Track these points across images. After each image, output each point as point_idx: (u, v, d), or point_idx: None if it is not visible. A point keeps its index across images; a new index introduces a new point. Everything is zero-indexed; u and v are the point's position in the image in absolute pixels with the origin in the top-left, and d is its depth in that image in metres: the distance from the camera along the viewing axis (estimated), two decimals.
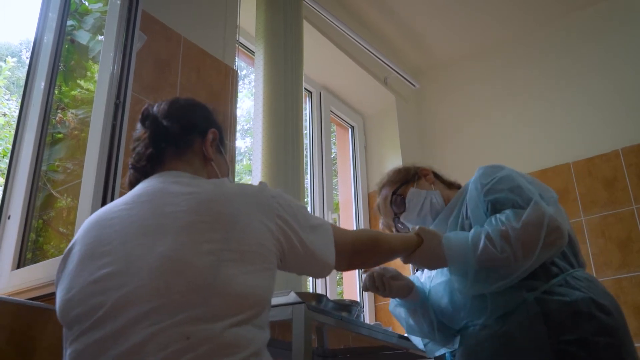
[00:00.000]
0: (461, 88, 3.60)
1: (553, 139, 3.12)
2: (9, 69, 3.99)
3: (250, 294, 0.85)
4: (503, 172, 1.37)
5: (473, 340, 1.36)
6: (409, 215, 1.54)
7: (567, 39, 3.27)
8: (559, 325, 1.21)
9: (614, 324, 1.21)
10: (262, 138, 2.21)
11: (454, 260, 1.27)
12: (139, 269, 0.84)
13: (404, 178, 1.58)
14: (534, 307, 1.25)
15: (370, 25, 3.36)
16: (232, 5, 2.29)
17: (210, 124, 1.15)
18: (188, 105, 1.16)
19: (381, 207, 1.61)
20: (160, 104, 1.13)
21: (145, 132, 1.09)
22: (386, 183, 1.62)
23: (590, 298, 1.23)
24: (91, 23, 1.89)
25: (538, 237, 1.21)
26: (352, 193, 3.32)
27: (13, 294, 1.48)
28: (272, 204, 0.96)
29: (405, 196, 1.54)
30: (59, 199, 1.72)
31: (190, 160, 1.08)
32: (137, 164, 1.07)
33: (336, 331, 1.74)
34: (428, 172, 1.60)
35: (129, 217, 0.92)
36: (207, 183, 0.99)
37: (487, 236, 1.24)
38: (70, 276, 0.91)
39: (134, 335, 0.78)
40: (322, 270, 1.05)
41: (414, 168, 1.62)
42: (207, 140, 1.11)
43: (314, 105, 3.17)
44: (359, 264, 1.24)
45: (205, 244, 0.85)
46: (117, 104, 1.48)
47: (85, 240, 0.94)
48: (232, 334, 0.81)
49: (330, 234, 1.06)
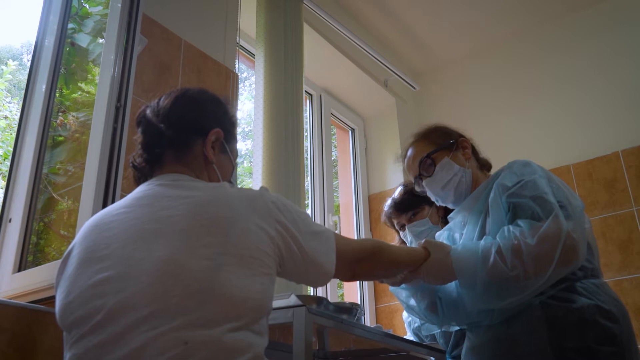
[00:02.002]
0: (461, 89, 3.61)
1: (553, 141, 3.12)
2: (10, 72, 4.00)
3: (248, 299, 0.84)
4: (530, 175, 1.30)
5: (478, 340, 1.36)
6: (432, 185, 1.47)
7: (566, 40, 3.28)
8: (562, 331, 1.19)
9: (618, 332, 1.19)
10: (263, 140, 2.21)
11: (462, 274, 1.23)
12: (137, 273, 0.83)
13: (443, 142, 1.49)
14: (538, 312, 1.23)
15: (370, 28, 3.37)
16: (233, 8, 2.30)
17: (215, 122, 1.10)
18: (194, 101, 1.11)
19: (409, 161, 1.53)
20: (164, 100, 1.10)
21: (140, 137, 1.08)
22: (422, 138, 1.53)
23: (596, 305, 1.20)
24: (91, 26, 1.89)
25: (553, 254, 1.15)
26: (353, 195, 3.32)
27: (14, 297, 1.48)
28: (271, 209, 0.94)
29: (436, 163, 1.46)
30: (60, 202, 1.72)
31: (190, 163, 1.06)
32: (137, 165, 1.07)
33: (337, 334, 1.74)
34: (468, 145, 1.51)
35: (128, 220, 0.92)
36: (206, 186, 0.98)
37: (498, 250, 1.18)
38: (69, 280, 0.91)
39: (133, 340, 0.78)
40: (320, 278, 1.03)
41: (456, 134, 1.53)
42: (208, 142, 1.07)
43: (315, 107, 3.17)
44: (363, 273, 1.20)
45: (202, 248, 0.84)
46: (118, 106, 1.48)
47: (84, 244, 0.94)
48: (230, 339, 0.81)
49: (332, 241, 1.04)
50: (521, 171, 1.33)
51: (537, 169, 1.34)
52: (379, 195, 3.32)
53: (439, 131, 1.54)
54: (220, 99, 1.16)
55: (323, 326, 1.36)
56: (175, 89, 1.15)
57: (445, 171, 1.45)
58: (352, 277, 1.15)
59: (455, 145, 1.49)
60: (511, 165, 1.38)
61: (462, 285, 1.26)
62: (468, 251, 1.24)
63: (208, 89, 1.19)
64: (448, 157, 1.46)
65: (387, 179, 3.33)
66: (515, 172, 1.34)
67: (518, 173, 1.33)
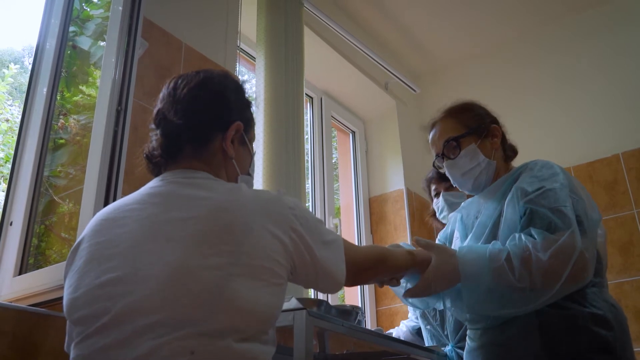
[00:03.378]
0: (461, 91, 3.56)
1: (553, 143, 3.12)
2: (12, 75, 4.01)
3: (258, 311, 0.83)
4: (551, 182, 1.25)
5: (474, 344, 1.37)
6: (454, 168, 1.42)
7: (567, 42, 3.28)
8: (555, 338, 1.19)
9: (612, 340, 1.17)
10: (263, 143, 2.21)
11: (467, 277, 1.18)
12: (146, 277, 0.82)
13: (473, 126, 1.41)
14: (532, 318, 1.22)
15: (371, 31, 3.37)
16: (233, 11, 2.30)
17: (237, 113, 1.05)
18: (214, 93, 1.05)
19: (434, 137, 1.47)
20: (182, 89, 1.03)
21: (156, 131, 1.03)
22: (453, 115, 1.46)
23: (590, 312, 1.19)
24: (93, 29, 1.90)
25: (563, 271, 1.11)
26: (353, 198, 3.32)
27: (15, 300, 1.48)
28: (288, 216, 0.92)
29: (462, 147, 1.40)
30: (61, 205, 1.73)
31: (207, 159, 1.01)
32: (152, 159, 1.03)
33: (337, 336, 1.74)
34: (498, 134, 1.44)
35: (140, 219, 0.90)
36: (222, 188, 0.94)
37: (507, 258, 1.14)
38: (78, 274, 0.89)
39: (139, 347, 0.78)
40: (331, 287, 1.01)
41: (489, 119, 1.46)
42: (228, 137, 1.03)
43: (315, 110, 3.17)
44: (364, 280, 1.21)
45: (213, 257, 0.82)
46: (119, 110, 1.48)
47: (94, 238, 0.92)
48: (237, 350, 0.80)
49: (342, 250, 1.02)
50: (543, 175, 1.28)
51: (559, 174, 1.29)
52: (379, 197, 3.32)
53: (472, 111, 1.46)
54: (240, 83, 1.11)
55: (324, 329, 1.36)
56: (193, 72, 1.07)
57: (469, 158, 1.39)
58: (354, 283, 1.14)
59: (485, 132, 1.42)
60: (532, 167, 1.34)
61: (464, 287, 1.22)
62: (474, 253, 1.20)
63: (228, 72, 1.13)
64: (475, 144, 1.40)
65: (387, 182, 3.33)
66: (536, 176, 1.28)
67: (539, 177, 1.28)
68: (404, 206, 3.19)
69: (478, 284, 1.18)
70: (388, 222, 3.24)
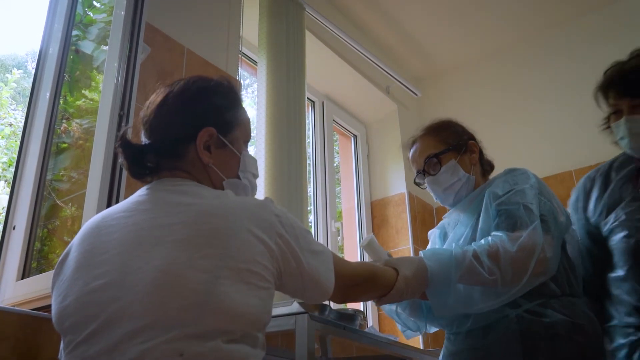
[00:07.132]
0: (462, 95, 3.61)
1: (554, 147, 3.11)
2: (15, 80, 4.02)
3: (245, 313, 0.84)
4: (522, 184, 1.31)
5: (454, 348, 1.37)
6: (435, 184, 1.46)
7: (568, 45, 3.27)
8: (534, 346, 1.20)
9: (589, 348, 1.21)
10: (265, 147, 2.22)
11: (434, 277, 1.19)
12: (134, 282, 0.82)
13: (452, 143, 1.46)
14: (513, 325, 1.23)
15: (372, 35, 3.38)
16: (235, 16, 2.31)
17: (204, 119, 1.03)
18: (176, 106, 1.03)
19: (415, 154, 1.52)
20: (148, 107, 1.04)
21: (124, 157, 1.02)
22: (432, 133, 1.51)
23: (571, 321, 1.21)
24: (95, 33, 1.91)
25: (528, 264, 1.17)
26: (355, 201, 3.32)
27: (18, 304, 1.49)
28: (274, 222, 0.92)
29: (443, 164, 1.44)
30: (64, 208, 1.73)
31: (188, 168, 1.02)
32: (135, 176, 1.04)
33: (340, 340, 1.74)
34: (476, 150, 1.50)
35: (127, 225, 0.91)
36: (209, 194, 0.95)
37: (474, 255, 1.18)
38: (66, 283, 0.90)
39: (129, 351, 0.78)
40: (319, 296, 1.01)
41: (466, 136, 1.50)
42: (199, 146, 1.01)
43: (317, 114, 3.18)
44: (354, 296, 1.18)
45: (201, 260, 0.83)
46: (121, 114, 1.49)
47: (82, 247, 0.93)
48: (226, 350, 0.80)
49: (331, 262, 1.02)
50: (514, 180, 1.34)
51: (530, 177, 1.35)
52: (381, 201, 3.32)
53: (450, 129, 1.51)
54: (210, 84, 1.07)
55: (325, 333, 1.36)
56: (163, 87, 1.07)
57: (449, 174, 1.44)
58: (343, 298, 1.13)
59: (464, 148, 1.47)
60: (506, 173, 1.40)
61: (430, 291, 1.22)
62: (439, 255, 1.22)
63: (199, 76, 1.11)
64: (455, 160, 1.45)
65: (389, 185, 3.33)
66: (508, 181, 1.34)
67: (511, 182, 1.34)
68: (406, 210, 3.19)
69: (447, 283, 1.19)
70: (390, 226, 3.24)
